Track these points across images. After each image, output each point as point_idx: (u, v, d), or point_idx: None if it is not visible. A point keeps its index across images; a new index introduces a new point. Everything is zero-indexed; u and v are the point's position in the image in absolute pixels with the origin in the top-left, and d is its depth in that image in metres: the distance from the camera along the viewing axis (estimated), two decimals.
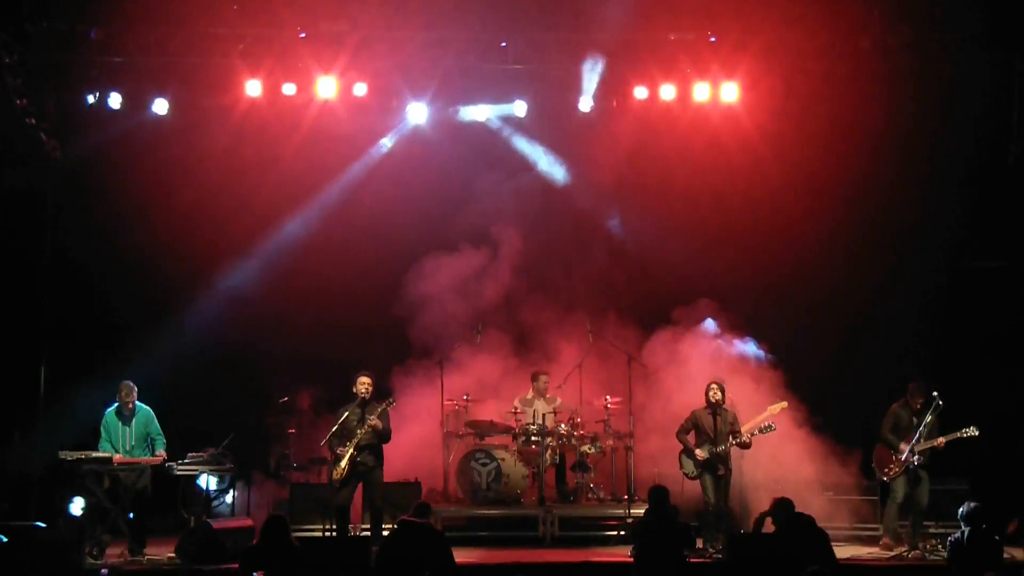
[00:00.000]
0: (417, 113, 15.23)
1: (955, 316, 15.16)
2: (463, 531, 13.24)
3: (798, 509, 10.68)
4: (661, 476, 13.41)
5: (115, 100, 14.80)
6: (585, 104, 15.06)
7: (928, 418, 12.62)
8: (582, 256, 15.81)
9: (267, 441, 14.57)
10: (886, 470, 12.82)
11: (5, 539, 11.10)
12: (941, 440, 12.60)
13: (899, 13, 14.47)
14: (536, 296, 15.58)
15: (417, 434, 14.52)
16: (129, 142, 15.04)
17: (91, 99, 14.81)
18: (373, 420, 12.37)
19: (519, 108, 15.23)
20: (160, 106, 14.90)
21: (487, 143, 15.82)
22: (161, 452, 12.59)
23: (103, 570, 11.60)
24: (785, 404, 13.14)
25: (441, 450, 14.64)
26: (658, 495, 10.88)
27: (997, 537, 10.70)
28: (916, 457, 12.63)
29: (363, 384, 12.57)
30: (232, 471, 13.32)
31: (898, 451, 12.71)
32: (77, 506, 12.36)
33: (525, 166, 15.92)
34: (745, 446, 12.74)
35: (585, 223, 15.90)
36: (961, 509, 10.60)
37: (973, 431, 12.53)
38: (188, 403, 14.18)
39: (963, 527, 10.49)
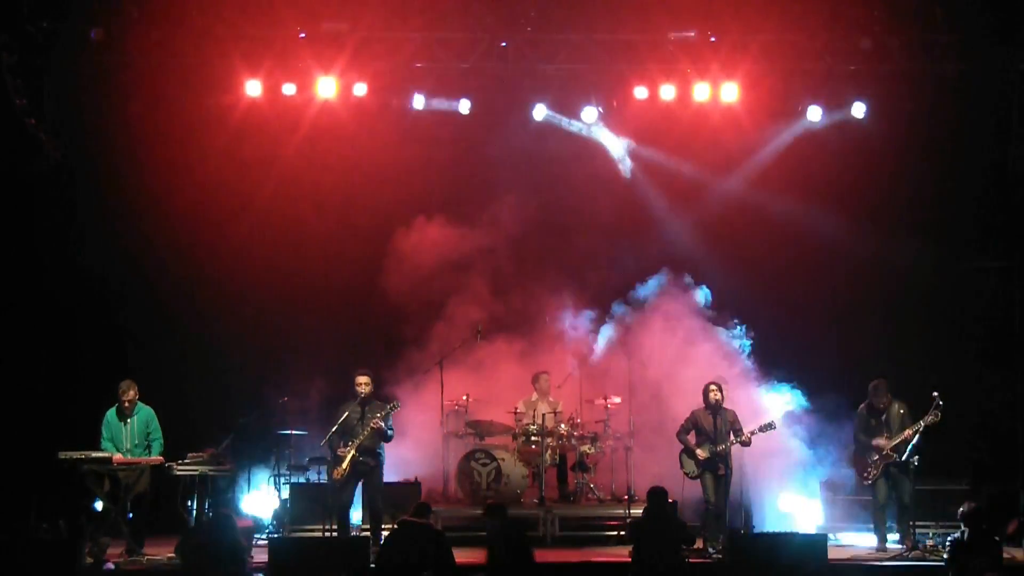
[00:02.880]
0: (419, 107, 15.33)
1: (955, 316, 15.16)
2: (463, 531, 13.22)
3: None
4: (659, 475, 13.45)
5: (115, 100, 14.81)
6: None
7: (898, 412, 12.61)
8: (581, 256, 15.81)
9: (267, 441, 14.54)
10: (865, 474, 12.82)
11: None
12: (908, 432, 12.53)
13: (899, 13, 14.48)
14: (534, 293, 15.58)
15: (417, 434, 14.52)
16: (129, 142, 15.02)
17: (91, 99, 14.81)
18: (376, 423, 12.35)
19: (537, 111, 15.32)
20: (160, 106, 14.90)
21: (489, 140, 15.82)
22: (158, 456, 12.57)
23: (106, 565, 11.61)
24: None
25: (441, 450, 14.65)
26: (655, 496, 10.87)
27: (997, 537, 10.69)
28: (895, 456, 12.59)
29: (362, 383, 12.56)
30: (232, 471, 13.32)
31: (871, 452, 12.70)
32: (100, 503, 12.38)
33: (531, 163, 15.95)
34: (746, 444, 12.72)
35: (586, 220, 15.89)
36: (961, 509, 10.59)
37: (934, 417, 12.41)
38: (188, 403, 14.16)
39: (963, 527, 10.49)
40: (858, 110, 15.05)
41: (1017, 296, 14.97)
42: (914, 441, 12.49)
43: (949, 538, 10.75)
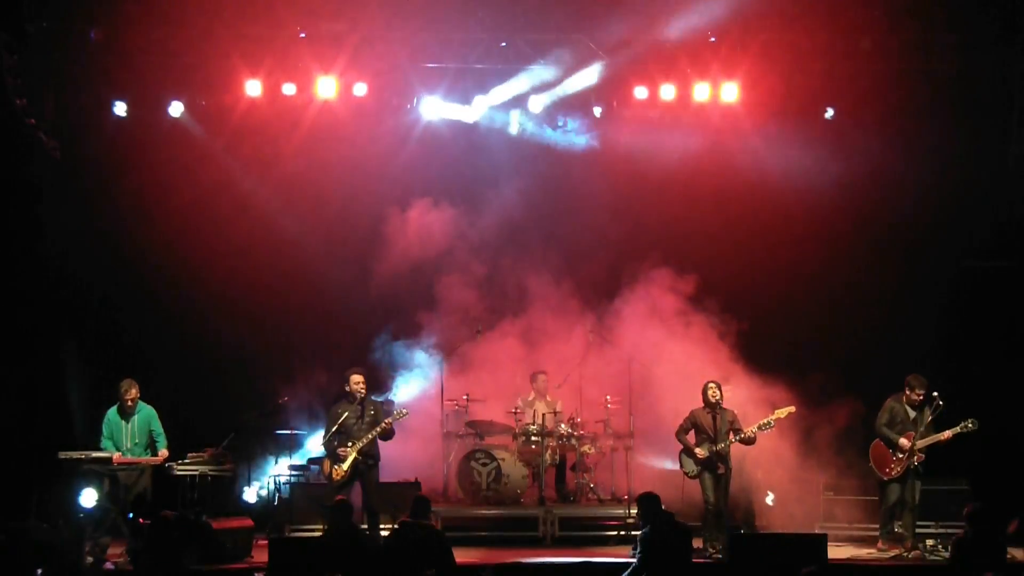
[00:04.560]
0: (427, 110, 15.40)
1: (955, 315, 15.16)
2: (463, 531, 13.24)
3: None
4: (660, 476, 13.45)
5: (115, 100, 14.83)
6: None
7: (926, 414, 12.54)
8: (582, 256, 15.82)
9: (267, 441, 14.56)
10: (887, 469, 12.60)
11: None
12: (947, 433, 12.40)
13: (899, 13, 14.49)
14: (536, 293, 15.59)
15: (417, 434, 14.52)
16: (129, 142, 15.04)
17: (91, 99, 14.83)
18: (388, 423, 12.37)
19: (532, 105, 15.30)
20: (160, 106, 14.92)
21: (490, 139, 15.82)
22: (163, 451, 12.61)
23: (106, 565, 11.61)
24: (792, 408, 13.01)
25: (441, 450, 14.65)
26: (650, 503, 10.72)
27: (1001, 538, 10.66)
28: (922, 456, 12.50)
29: (357, 383, 12.56)
30: (232, 471, 13.33)
31: (899, 449, 12.58)
32: (89, 497, 12.33)
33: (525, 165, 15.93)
34: (749, 442, 12.69)
35: (587, 222, 15.90)
36: (965, 509, 10.57)
37: (972, 424, 12.33)
38: (188, 403, 14.17)
39: (967, 527, 10.47)
40: (857, 110, 15.09)
41: (1018, 296, 14.97)
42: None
43: (953, 538, 10.69)
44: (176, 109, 14.97)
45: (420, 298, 15.47)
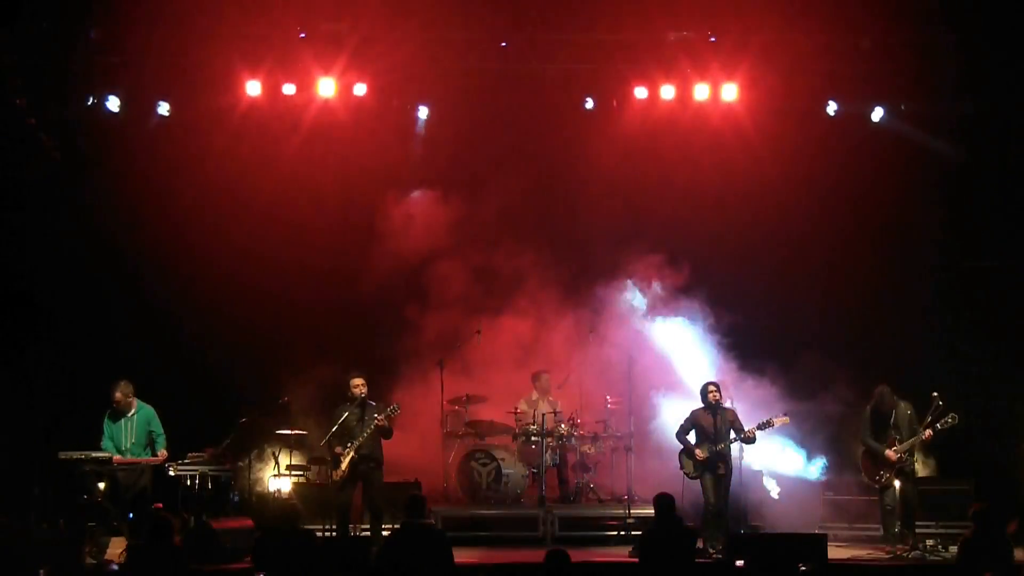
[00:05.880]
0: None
1: (953, 316, 15.17)
2: (463, 531, 13.23)
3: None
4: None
5: (115, 100, 14.85)
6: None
7: (907, 414, 12.56)
8: (582, 256, 15.83)
9: (267, 441, 14.55)
10: (877, 477, 12.72)
11: None
12: (927, 432, 12.47)
13: (899, 13, 14.49)
14: (536, 292, 15.60)
15: (417, 434, 14.52)
16: (129, 142, 15.04)
17: (91, 99, 14.84)
18: (381, 420, 12.37)
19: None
20: (160, 106, 14.94)
21: (489, 139, 15.84)
22: (162, 452, 12.61)
23: (110, 566, 11.61)
24: (786, 419, 13.02)
25: (441, 450, 14.65)
26: (664, 504, 10.77)
27: (1007, 538, 10.66)
28: (907, 457, 12.55)
29: (358, 385, 12.58)
30: (232, 471, 13.32)
31: (884, 456, 12.64)
32: (87, 498, 12.36)
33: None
34: (750, 441, 12.70)
35: (588, 222, 15.90)
36: (971, 509, 10.56)
37: (952, 420, 12.34)
38: (188, 403, 14.16)
39: (973, 527, 10.46)
40: (856, 110, 15.10)
41: (1014, 296, 14.97)
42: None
43: (960, 538, 10.70)
44: (175, 109, 14.97)
45: (420, 295, 15.48)
